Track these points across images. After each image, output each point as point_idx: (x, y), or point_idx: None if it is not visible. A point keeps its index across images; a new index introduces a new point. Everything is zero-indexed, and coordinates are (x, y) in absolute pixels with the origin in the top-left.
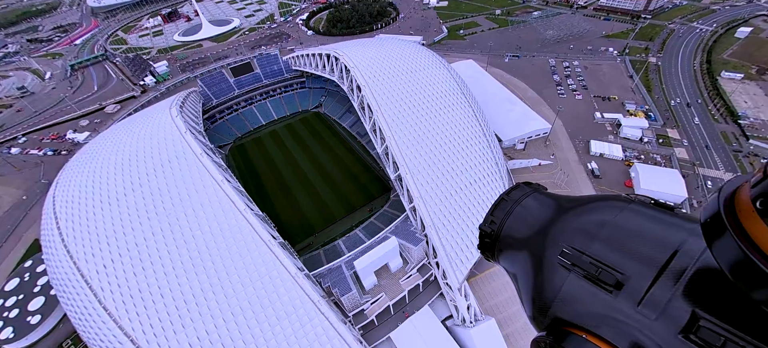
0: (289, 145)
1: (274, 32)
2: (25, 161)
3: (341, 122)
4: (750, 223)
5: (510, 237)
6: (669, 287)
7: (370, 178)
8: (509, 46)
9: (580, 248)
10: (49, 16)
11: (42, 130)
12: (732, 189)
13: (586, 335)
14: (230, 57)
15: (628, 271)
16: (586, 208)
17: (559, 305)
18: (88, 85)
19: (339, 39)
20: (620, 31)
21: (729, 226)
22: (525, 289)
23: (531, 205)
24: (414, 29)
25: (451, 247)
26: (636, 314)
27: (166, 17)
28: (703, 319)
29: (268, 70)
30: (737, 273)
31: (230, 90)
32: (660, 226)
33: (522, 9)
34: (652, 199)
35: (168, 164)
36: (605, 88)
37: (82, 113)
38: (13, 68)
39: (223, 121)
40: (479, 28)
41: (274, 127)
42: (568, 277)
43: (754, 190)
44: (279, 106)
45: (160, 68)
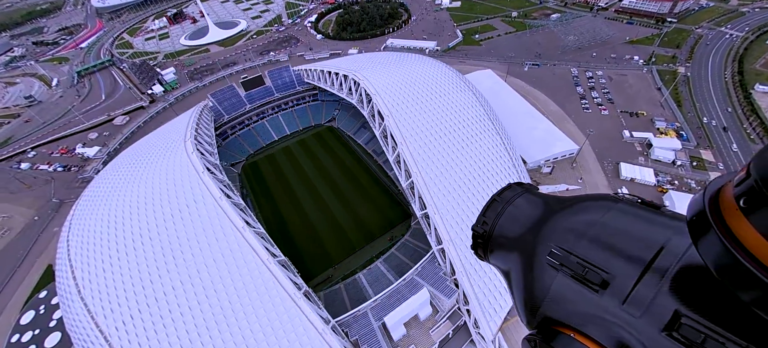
0: (303, 163)
1: (283, 36)
2: (36, 178)
3: (356, 138)
4: (734, 222)
5: (501, 237)
6: (653, 285)
7: (388, 202)
8: (528, 52)
9: (568, 248)
10: (53, 16)
11: (51, 143)
12: (716, 188)
13: (574, 334)
14: (239, 63)
15: (614, 270)
16: (575, 209)
17: (548, 305)
18: (95, 94)
19: (349, 44)
20: (645, 37)
21: (714, 224)
22: (516, 288)
23: (522, 205)
24: (427, 33)
25: (483, 295)
26: (621, 312)
27: (171, 19)
28: (684, 317)
29: (279, 83)
30: (722, 271)
31: (241, 105)
32: (645, 225)
33: (539, 10)
34: (639, 198)
35: (186, 209)
36: (632, 101)
37: (90, 125)
38: (20, 74)
39: (235, 137)
40: (495, 32)
41: (287, 143)
42: (557, 277)
43: (737, 189)
44: (291, 120)
45: (168, 76)
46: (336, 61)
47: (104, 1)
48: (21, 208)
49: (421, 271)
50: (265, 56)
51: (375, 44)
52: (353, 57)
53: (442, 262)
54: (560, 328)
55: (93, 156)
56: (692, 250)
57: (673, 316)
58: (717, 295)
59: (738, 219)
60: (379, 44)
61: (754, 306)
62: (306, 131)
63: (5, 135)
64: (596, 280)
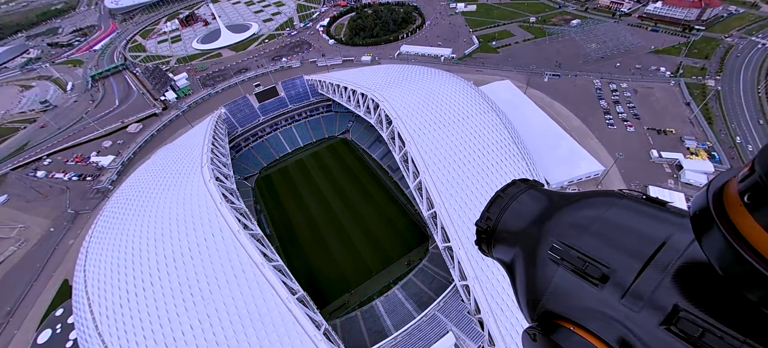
0: (316, 178)
1: (294, 40)
2: (51, 187)
3: (370, 152)
4: (738, 217)
5: (505, 232)
6: (653, 280)
7: (405, 223)
8: (548, 62)
9: (569, 243)
10: (68, 16)
11: (66, 150)
12: (720, 183)
13: (573, 328)
14: (251, 70)
15: (614, 265)
16: (578, 204)
17: (548, 298)
18: (109, 99)
19: (362, 50)
20: (671, 46)
21: (717, 220)
22: (518, 282)
23: (526, 201)
24: (442, 39)
25: (510, 338)
26: (620, 306)
27: (183, 21)
28: (683, 311)
29: (293, 94)
30: (725, 267)
31: (255, 116)
32: (648, 221)
33: (559, 15)
34: (644, 194)
35: (204, 242)
36: (659, 117)
37: (104, 133)
38: (35, 77)
39: (249, 149)
40: (513, 39)
41: (301, 156)
42: (558, 271)
43: (741, 185)
44: (305, 132)
45: (181, 81)
46: (350, 74)
47: (117, 2)
48: (37, 219)
49: (443, 306)
50: (278, 62)
51: (388, 50)
52: (368, 70)
53: (465, 298)
54: (560, 321)
55: (108, 166)
56: (694, 246)
57: (672, 310)
58: (717, 290)
59: (742, 215)
60: (392, 51)
61: (757, 300)
62: (320, 143)
63: (22, 140)
64: (596, 275)
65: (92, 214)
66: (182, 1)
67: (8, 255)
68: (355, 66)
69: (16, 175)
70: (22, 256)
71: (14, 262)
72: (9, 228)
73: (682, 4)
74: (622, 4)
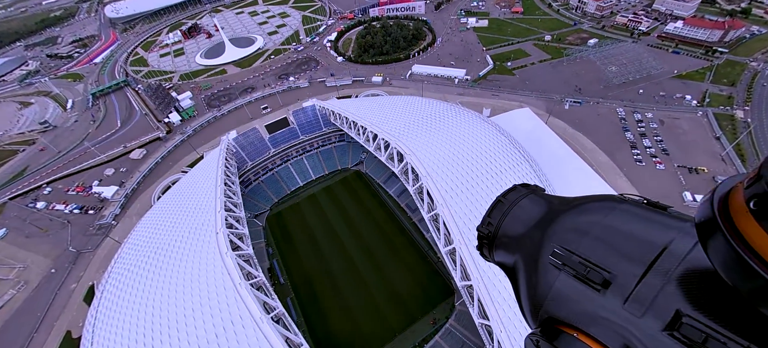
0: (330, 217)
1: (301, 56)
2: (52, 221)
3: (386, 187)
4: (744, 224)
5: (506, 237)
6: (655, 285)
7: (428, 273)
8: (567, 85)
9: (570, 248)
10: (67, 24)
11: (67, 178)
12: (726, 190)
13: (577, 334)
14: (257, 89)
15: (616, 270)
16: (579, 209)
17: (550, 304)
18: (111, 119)
19: (372, 68)
20: (694, 71)
21: (723, 226)
22: (520, 287)
23: (526, 206)
24: (454, 57)
25: None
26: (622, 312)
27: (186, 33)
28: (686, 316)
29: (304, 123)
30: (731, 274)
31: (265, 149)
32: (649, 226)
33: (574, 33)
34: (645, 199)
35: (223, 333)
36: (689, 153)
37: (106, 159)
38: (34, 92)
39: (259, 183)
40: (529, 59)
41: (313, 190)
42: (559, 276)
43: (748, 191)
44: (316, 164)
45: (185, 101)
46: (365, 106)
47: (118, 12)
48: (37, 257)
49: None
50: (285, 81)
51: (399, 70)
52: (383, 102)
53: None
54: (563, 327)
55: (111, 197)
56: (695, 251)
57: (674, 315)
58: (719, 296)
59: (748, 221)
60: (403, 70)
61: (763, 309)
62: (332, 176)
63: (21, 165)
64: (598, 280)
65: (94, 254)
66: (184, 10)
67: (8, 300)
68: (365, 87)
69: (15, 205)
70: (22, 302)
71: (14, 308)
72: (8, 268)
73: (704, 25)
74: (640, 22)
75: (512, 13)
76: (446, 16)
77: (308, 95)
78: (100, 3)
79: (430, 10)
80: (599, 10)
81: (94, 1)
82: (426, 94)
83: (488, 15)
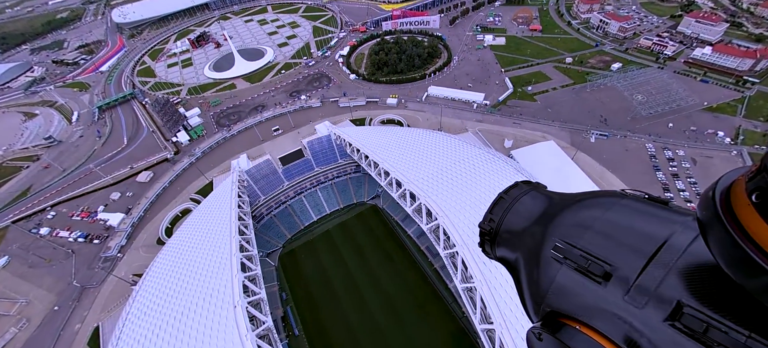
0: (347, 258)
1: (313, 72)
2: (55, 250)
3: (405, 227)
4: (745, 216)
5: (507, 233)
6: (655, 277)
7: (453, 331)
8: (592, 115)
9: (571, 242)
10: (73, 26)
11: (71, 201)
12: (728, 183)
13: (579, 326)
14: (268, 107)
15: (617, 263)
16: (580, 205)
17: (552, 297)
18: (117, 135)
19: (387, 88)
20: (726, 103)
21: (725, 219)
22: (522, 282)
23: (528, 202)
24: (471, 78)
25: None
26: (624, 304)
27: (194, 43)
28: (687, 306)
29: (318, 153)
30: (732, 265)
31: (279, 182)
32: (650, 220)
33: (596, 55)
34: (646, 194)
35: None
36: None
37: (112, 181)
38: (39, 102)
39: (271, 217)
40: (550, 83)
41: (327, 226)
42: (561, 270)
43: (750, 184)
44: (331, 196)
45: (193, 119)
46: (379, 139)
47: (125, 16)
48: (40, 291)
49: None
50: (296, 100)
51: (415, 91)
52: (398, 135)
53: None
54: (565, 320)
55: (117, 226)
56: (695, 244)
57: (675, 306)
58: (720, 287)
59: (750, 214)
60: (419, 91)
61: (761, 298)
62: (348, 210)
63: (24, 184)
64: (599, 272)
65: (99, 290)
66: (192, 16)
67: (9, 339)
68: (379, 110)
69: (18, 230)
70: (24, 342)
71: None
72: (10, 302)
73: (734, 53)
74: (665, 46)
75: (530, 30)
76: (461, 31)
77: (321, 116)
78: (107, 5)
79: (445, 24)
80: (622, 31)
81: (101, 2)
82: (443, 118)
83: (505, 32)
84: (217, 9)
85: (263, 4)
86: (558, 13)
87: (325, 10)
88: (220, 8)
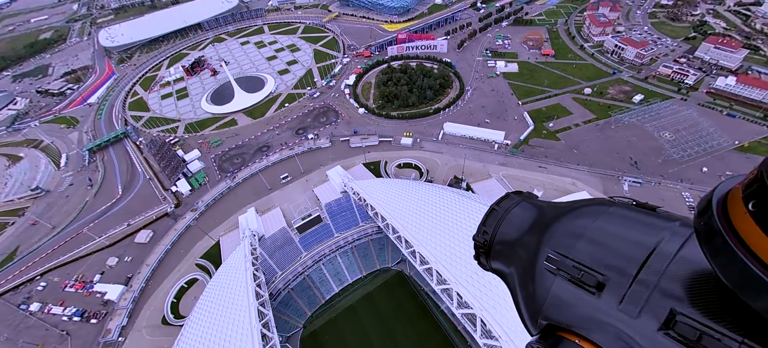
0: (374, 340)
1: (318, 105)
2: (47, 331)
3: (436, 300)
4: (742, 224)
5: (501, 245)
6: (647, 285)
7: None
8: (621, 157)
9: (563, 252)
10: (58, 49)
11: (64, 267)
12: (725, 190)
13: (578, 340)
14: (273, 148)
15: (609, 272)
16: (570, 214)
17: (548, 309)
18: (110, 184)
19: (399, 124)
20: (757, 141)
21: (721, 227)
22: (518, 294)
23: (520, 213)
24: (488, 112)
25: None
26: (618, 314)
27: (188, 70)
28: (679, 314)
29: (337, 213)
30: (728, 274)
31: (296, 253)
32: (638, 227)
33: (615, 84)
34: (635, 201)
35: None
36: None
37: (108, 242)
38: (23, 141)
39: (289, 292)
40: (571, 118)
41: (350, 299)
42: (555, 281)
43: (746, 192)
44: (352, 263)
45: (193, 163)
46: (402, 198)
47: (113, 40)
48: None
49: None
50: (303, 139)
51: (430, 128)
52: (418, 193)
53: None
54: (563, 333)
55: (116, 301)
56: (685, 250)
57: (668, 314)
58: (712, 293)
59: (746, 222)
60: (434, 128)
61: (760, 310)
62: (371, 278)
63: (10, 244)
64: (592, 283)
65: None
66: (184, 38)
67: None
68: (394, 150)
69: (5, 305)
70: None
71: None
72: None
73: (758, 84)
74: (686, 74)
75: (542, 55)
76: (470, 56)
77: (331, 158)
78: (93, 24)
79: (453, 48)
80: (639, 57)
81: (86, 21)
82: (463, 160)
83: (517, 57)
84: (210, 29)
85: (259, 23)
86: (568, 34)
87: (324, 30)
88: (213, 28)
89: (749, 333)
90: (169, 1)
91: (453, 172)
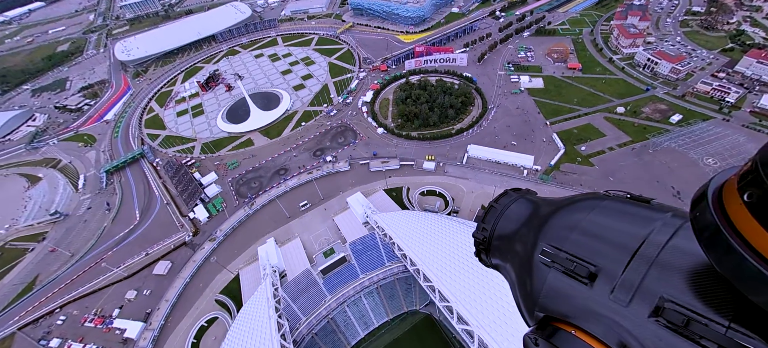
0: None
1: (336, 124)
2: None
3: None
4: (737, 215)
5: (500, 240)
6: (637, 274)
7: None
8: (662, 186)
9: (558, 245)
10: (75, 61)
11: (82, 299)
12: (721, 182)
13: (574, 331)
14: (291, 171)
15: (600, 263)
16: (565, 209)
17: (544, 301)
18: (127, 209)
19: (421, 146)
20: None
21: (717, 217)
22: (516, 287)
23: (517, 209)
24: (513, 133)
25: None
26: (610, 303)
27: (203, 86)
28: (668, 301)
29: (362, 252)
30: (722, 263)
31: (320, 297)
32: (630, 219)
33: (649, 101)
34: (628, 194)
35: None
36: None
37: (127, 273)
38: (42, 161)
39: (313, 337)
40: (604, 141)
41: (377, 345)
42: (550, 273)
43: (742, 183)
44: (378, 305)
45: (210, 187)
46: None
47: (129, 54)
48: None
49: None
50: (321, 163)
51: (453, 150)
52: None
53: None
54: (560, 324)
55: (136, 339)
56: (675, 239)
57: (658, 301)
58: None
59: (741, 212)
60: (457, 150)
61: (754, 298)
62: (399, 322)
63: (30, 272)
64: (584, 274)
65: None
66: (198, 51)
67: None
68: (416, 175)
69: (25, 340)
70: None
71: None
72: None
73: None
74: (727, 92)
75: (569, 69)
76: (492, 70)
77: (351, 183)
78: (108, 35)
79: (472, 60)
80: (675, 72)
81: (102, 32)
82: (490, 188)
83: (541, 71)
84: (224, 40)
85: (273, 35)
86: (595, 46)
87: (339, 42)
88: (227, 40)
89: (736, 317)
90: (182, 12)
91: (480, 201)
